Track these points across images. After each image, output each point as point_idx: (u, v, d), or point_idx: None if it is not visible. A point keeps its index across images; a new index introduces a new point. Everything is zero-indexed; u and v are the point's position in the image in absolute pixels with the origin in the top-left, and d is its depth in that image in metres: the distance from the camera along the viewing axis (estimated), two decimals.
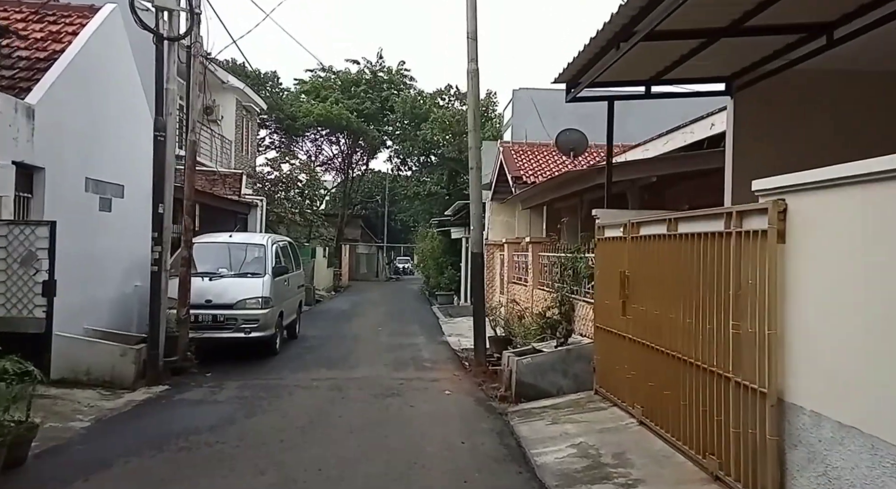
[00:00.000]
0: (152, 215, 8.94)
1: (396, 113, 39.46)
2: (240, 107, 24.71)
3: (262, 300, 10.81)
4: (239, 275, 11.14)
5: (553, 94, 28.56)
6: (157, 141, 8.89)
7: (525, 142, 17.35)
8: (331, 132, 40.51)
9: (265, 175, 22.35)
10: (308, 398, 8.31)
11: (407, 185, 40.58)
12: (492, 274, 18.85)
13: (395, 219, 51.82)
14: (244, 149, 25.37)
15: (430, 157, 40.14)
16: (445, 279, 24.13)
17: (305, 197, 22.75)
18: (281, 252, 12.52)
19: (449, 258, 24.58)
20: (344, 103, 39.18)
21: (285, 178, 22.23)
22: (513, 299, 13.25)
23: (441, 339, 14.29)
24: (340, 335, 14.72)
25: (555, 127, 26.69)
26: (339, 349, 12.55)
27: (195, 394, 8.47)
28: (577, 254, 9.66)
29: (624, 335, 7.00)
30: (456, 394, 8.65)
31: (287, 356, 11.56)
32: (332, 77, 42.58)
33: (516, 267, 14.89)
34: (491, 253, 18.85)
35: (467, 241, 22.92)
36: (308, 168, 22.97)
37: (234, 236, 11.93)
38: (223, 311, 10.58)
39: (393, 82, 42.08)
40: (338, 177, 44.50)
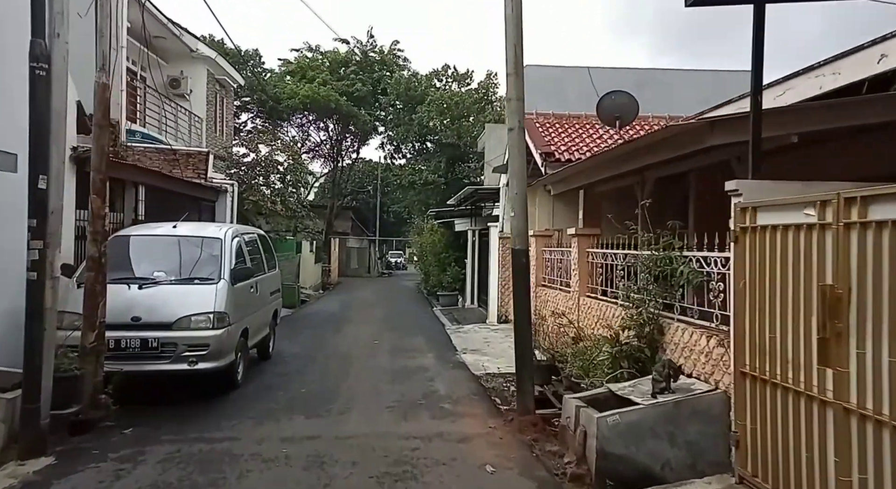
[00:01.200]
0: (28, 193, 5.67)
1: (389, 95, 36.10)
2: (212, 80, 21.32)
3: (214, 317, 7.60)
4: (183, 282, 7.90)
5: (563, 71, 25.49)
6: (34, 76, 5.59)
7: (551, 113, 14.29)
8: (318, 117, 37.11)
9: (240, 157, 19.03)
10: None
11: (401, 173, 37.32)
12: (507, 273, 15.67)
13: (387, 210, 48.50)
14: (218, 129, 21.99)
15: (425, 144, 36.86)
16: (448, 277, 20.99)
17: (288, 183, 19.48)
18: (246, 248, 9.29)
19: (452, 253, 21.44)
20: (333, 85, 35.79)
21: (264, 160, 18.92)
22: (556, 312, 10.10)
23: (455, 359, 11.13)
24: (327, 353, 11.51)
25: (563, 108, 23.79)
26: (325, 379, 9.34)
27: (91, 477, 5.26)
28: (671, 252, 6.52)
29: (823, 398, 3.88)
30: (503, 473, 5.49)
31: (252, 390, 8.35)
32: (320, 58, 39.14)
33: (549, 267, 11.75)
34: (506, 248, 15.68)
35: (474, 234, 19.75)
36: (291, 149, 19.65)
37: (179, 227, 8.65)
38: (157, 333, 7.34)
39: (385, 63, 38.70)
40: (326, 165, 41.13)
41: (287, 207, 19.91)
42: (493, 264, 16.15)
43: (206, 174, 15.29)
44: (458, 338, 13.68)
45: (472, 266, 20.19)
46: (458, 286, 21.24)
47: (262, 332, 9.97)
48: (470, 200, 19.27)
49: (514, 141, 7.30)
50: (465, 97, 34.00)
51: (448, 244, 21.65)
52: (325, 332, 14.29)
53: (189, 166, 15.37)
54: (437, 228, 22.32)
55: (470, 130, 33.26)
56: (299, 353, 11.34)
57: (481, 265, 20.00)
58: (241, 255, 8.89)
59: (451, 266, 21.14)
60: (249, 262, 9.17)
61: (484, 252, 19.47)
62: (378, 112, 38.54)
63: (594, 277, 9.20)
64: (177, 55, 19.90)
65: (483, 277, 19.37)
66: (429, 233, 23.59)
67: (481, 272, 20.01)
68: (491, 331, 14.55)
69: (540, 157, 12.03)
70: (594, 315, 8.76)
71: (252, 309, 9.09)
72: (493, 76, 36.49)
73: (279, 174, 19.24)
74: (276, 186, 19.38)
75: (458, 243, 21.85)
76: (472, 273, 20.21)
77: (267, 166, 18.92)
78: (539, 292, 11.85)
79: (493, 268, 16.08)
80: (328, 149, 39.97)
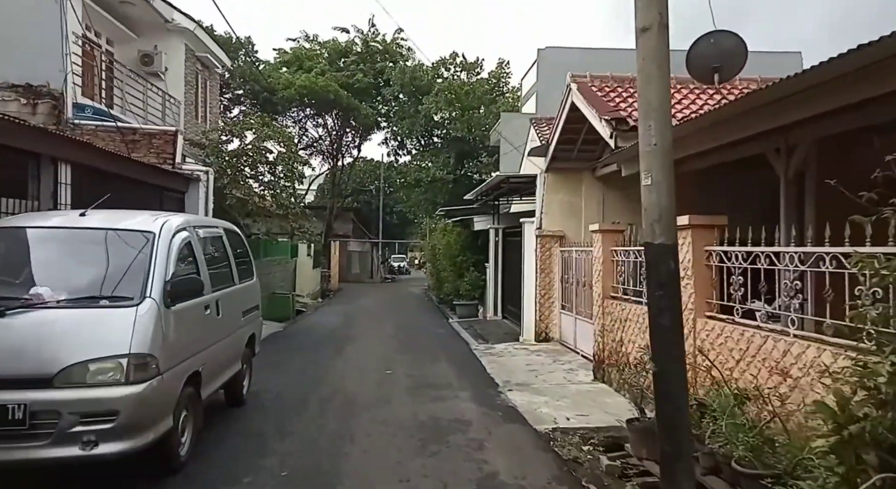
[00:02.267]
0: None
1: (393, 86, 32.96)
2: (192, 58, 18.17)
3: (129, 363, 4.41)
4: (80, 304, 4.70)
5: (587, 53, 22.45)
6: None
7: (610, 75, 11.17)
8: (316, 110, 33.95)
9: (222, 144, 15.85)
10: None
11: (406, 170, 34.14)
12: (548, 280, 12.52)
13: (390, 212, 45.33)
14: (200, 115, 18.83)
15: (432, 139, 33.70)
16: (466, 284, 17.83)
17: (280, 176, 16.31)
18: (201, 250, 6.09)
19: (470, 256, 18.30)
20: (332, 76, 32.67)
21: (251, 148, 15.75)
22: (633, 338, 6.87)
23: (502, 401, 7.92)
24: (323, 394, 8.28)
25: None
26: (318, 446, 6.10)
27: None
28: None
29: None
30: None
31: (202, 473, 5.17)
32: (319, 48, 36.04)
33: (621, 272, 8.55)
34: (546, 248, 12.52)
35: (497, 234, 16.60)
36: (282, 135, 16.45)
37: (89, 216, 5.45)
38: (25, 395, 4.18)
39: (388, 53, 35.57)
40: (326, 163, 37.96)
41: (280, 204, 16.74)
42: (528, 269, 12.99)
43: (173, 159, 12.14)
44: (493, 364, 10.50)
45: (495, 271, 17.03)
46: (476, 294, 18.08)
47: (229, 371, 6.79)
48: (495, 193, 16.13)
49: (650, 49, 4.07)
50: (476, 86, 30.87)
51: (465, 246, 18.53)
52: (323, 356, 11.08)
53: (152, 149, 12.22)
54: (453, 227, 19.21)
55: (481, 123, 30.13)
56: (285, 394, 8.14)
57: (506, 270, 16.84)
58: (188, 260, 5.70)
59: (470, 271, 17.99)
60: (205, 270, 5.99)
61: (511, 254, 16.30)
62: (380, 106, 35.40)
63: (722, 288, 6.03)
64: (150, 27, 16.76)
65: (510, 284, 16.20)
66: (442, 233, 20.45)
67: (506, 278, 16.85)
68: (532, 354, 11.37)
69: (607, 125, 8.86)
70: (734, 349, 5.59)
71: (208, 340, 5.92)
72: (504, 65, 33.42)
73: (268, 165, 16.07)
74: (265, 179, 16.23)
75: (476, 244, 18.72)
76: (494, 279, 17.05)
77: (255, 155, 15.75)
78: (608, 307, 8.67)
79: (529, 273, 12.92)
80: (327, 145, 36.82)
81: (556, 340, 12.35)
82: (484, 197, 17.23)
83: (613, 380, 8.36)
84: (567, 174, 12.58)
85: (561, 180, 12.59)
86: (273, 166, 16.23)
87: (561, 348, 11.79)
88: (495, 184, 14.34)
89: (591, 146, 12.09)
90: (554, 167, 12.50)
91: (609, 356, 8.53)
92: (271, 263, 18.88)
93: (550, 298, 12.50)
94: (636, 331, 7.55)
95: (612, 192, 12.50)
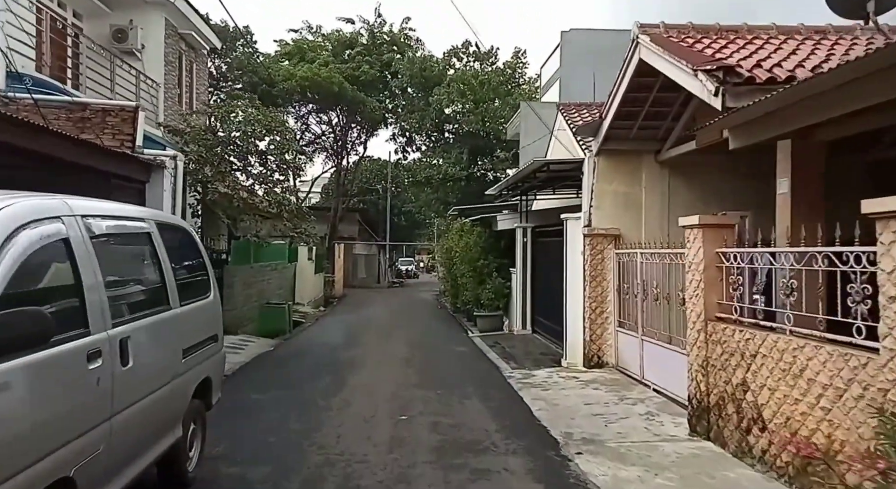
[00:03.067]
0: None
1: (401, 77, 30.43)
2: (174, 36, 15.67)
3: None
4: None
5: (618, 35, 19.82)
6: None
7: (690, 23, 8.50)
8: (319, 104, 31.42)
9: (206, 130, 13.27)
10: None
11: (415, 168, 31.57)
12: (600, 290, 9.91)
13: (397, 213, 42.76)
14: (184, 101, 16.33)
15: (443, 134, 31.14)
16: (488, 292, 15.22)
17: (270, 168, 13.73)
18: (86, 258, 3.51)
19: (492, 260, 15.68)
20: (336, 67, 30.18)
21: (239, 135, 13.16)
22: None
23: (575, 478, 5.28)
24: (313, 468, 5.58)
25: None
26: None
27: None
28: None
29: None
30: None
31: None
32: (322, 40, 33.57)
33: (738, 281, 5.90)
34: (598, 250, 9.91)
35: (525, 234, 14.03)
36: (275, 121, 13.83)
37: None
38: None
39: (396, 44, 33.07)
40: (330, 161, 35.43)
41: (273, 201, 14.17)
42: (572, 276, 10.38)
43: (133, 141, 9.61)
44: (540, 401, 7.86)
45: (523, 277, 14.42)
46: (500, 304, 15.47)
47: (154, 448, 4.20)
48: (525, 186, 13.51)
49: None
50: (492, 76, 28.29)
51: (486, 248, 15.93)
52: (317, 394, 8.44)
53: (107, 129, 9.69)
54: (474, 227, 16.62)
55: (496, 115, 27.53)
56: (255, 458, 5.55)
57: (537, 276, 14.24)
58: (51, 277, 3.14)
59: (492, 277, 15.38)
60: (97, 293, 3.42)
61: (543, 257, 13.70)
62: (387, 101, 32.86)
63: None
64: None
65: (543, 293, 13.60)
66: (458, 234, 17.86)
67: (537, 285, 14.24)
68: (586, 386, 8.73)
69: (710, 79, 6.22)
70: None
71: (100, 412, 3.34)
72: (521, 54, 30.83)
73: (259, 155, 13.51)
74: (254, 171, 13.68)
75: (499, 246, 16.11)
76: (522, 286, 14.44)
77: (243, 143, 13.17)
78: (717, 333, 6.04)
79: (574, 281, 10.31)
80: (331, 142, 34.30)
81: (613, 366, 9.72)
82: (511, 190, 14.62)
83: (728, 440, 5.73)
84: (623, 158, 9.95)
85: (615, 166, 9.96)
86: (264, 156, 13.67)
87: (621, 378, 9.16)
88: (529, 173, 11.70)
89: (654, 122, 9.49)
90: (607, 149, 9.87)
91: (720, 405, 5.90)
92: (265, 269, 16.34)
93: (603, 313, 9.87)
94: (785, 378, 4.91)
95: (679, 181, 9.88)
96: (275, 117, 14.22)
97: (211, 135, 13.27)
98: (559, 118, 18.08)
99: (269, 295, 16.40)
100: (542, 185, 13.26)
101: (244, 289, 14.16)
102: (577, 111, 17.48)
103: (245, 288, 14.24)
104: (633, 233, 9.80)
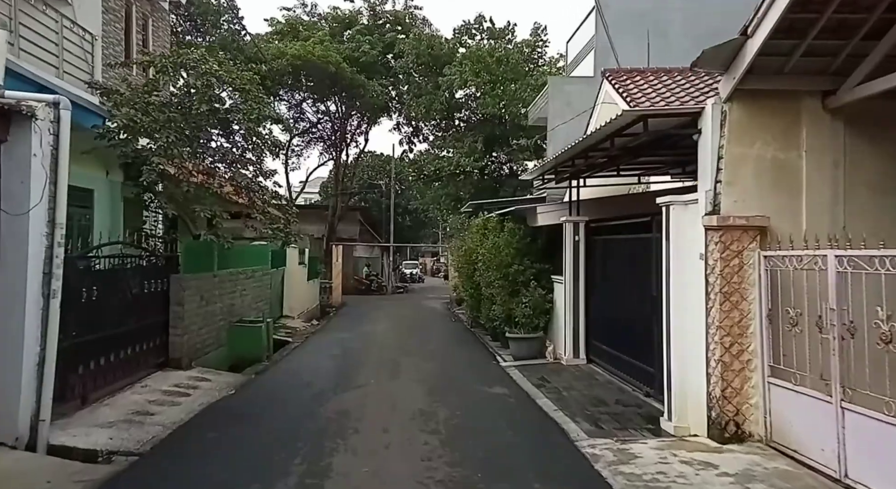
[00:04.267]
0: None
1: (406, 57, 26.71)
2: None
3: None
4: None
5: None
6: None
7: None
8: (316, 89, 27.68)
9: (152, 89, 9.53)
10: None
11: (422, 161, 27.82)
12: (736, 314, 6.08)
13: (401, 212, 39.05)
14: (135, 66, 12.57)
15: (453, 121, 27.44)
16: (525, 307, 11.46)
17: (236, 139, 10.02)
18: None
19: (529, 265, 11.92)
20: (333, 47, 26.49)
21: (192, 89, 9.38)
22: None
23: None
24: None
25: (664, 49, 14.38)
26: None
27: None
28: None
29: None
30: None
31: None
32: (318, 20, 29.92)
33: None
34: (732, 252, 6.11)
35: (577, 231, 10.37)
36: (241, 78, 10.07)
37: None
38: None
39: (400, 24, 29.39)
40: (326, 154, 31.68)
41: (240, 186, 10.42)
42: (680, 290, 6.61)
43: None
44: None
45: (575, 287, 10.67)
46: (541, 323, 11.69)
47: None
48: (580, 165, 9.70)
49: None
50: (513, 52, 24.56)
51: (521, 249, 12.19)
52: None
53: None
54: (503, 223, 12.87)
55: (515, 98, 23.78)
56: None
57: (592, 285, 10.50)
58: None
59: (530, 287, 11.63)
60: None
61: (607, 261, 9.96)
62: (391, 88, 29.12)
63: None
64: None
65: (604, 308, 9.82)
66: (480, 232, 14.08)
67: (592, 298, 10.50)
68: (735, 485, 4.96)
69: None
70: None
71: None
72: (541, 31, 27.07)
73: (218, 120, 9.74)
74: (212, 145, 9.94)
75: (535, 247, 12.34)
76: (573, 300, 10.68)
77: (198, 105, 9.40)
78: None
79: (685, 298, 6.54)
80: (329, 132, 30.56)
81: (762, 440, 5.95)
82: (553, 175, 10.85)
83: None
84: (771, 105, 6.19)
85: (758, 117, 6.20)
86: (226, 125, 9.92)
87: (787, 464, 5.38)
88: (611, 133, 7.75)
89: (831, 41, 5.74)
90: (748, 91, 6.10)
91: None
92: (237, 278, 12.60)
93: (743, 353, 6.09)
94: None
95: (862, 141, 6.13)
96: (242, 74, 10.42)
97: (152, 95, 9.50)
98: (604, 89, 14.28)
99: (243, 310, 12.67)
100: (607, 162, 9.49)
101: (203, 305, 10.41)
102: (628, 78, 13.79)
103: (204, 303, 10.50)
104: (785, 223, 6.06)
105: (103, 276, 8.26)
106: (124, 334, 8.42)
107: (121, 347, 8.29)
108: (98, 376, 7.68)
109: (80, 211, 10.77)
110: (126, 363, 8.39)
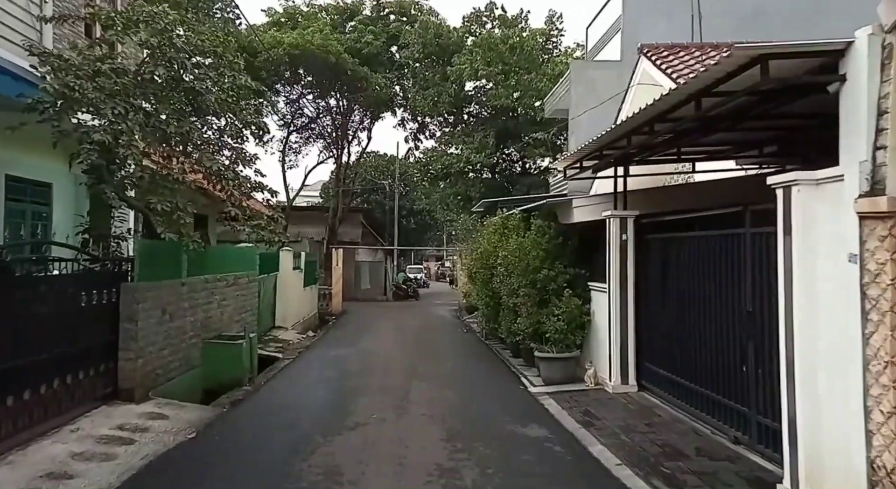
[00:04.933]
0: None
1: (412, 46, 24.78)
2: None
3: None
4: None
5: None
6: None
7: None
8: (315, 83, 25.78)
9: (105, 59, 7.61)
10: None
11: (428, 159, 25.85)
12: None
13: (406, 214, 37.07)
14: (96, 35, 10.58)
15: (462, 115, 25.47)
16: (558, 321, 9.43)
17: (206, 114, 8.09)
18: None
19: (561, 270, 9.88)
20: (335, 37, 24.59)
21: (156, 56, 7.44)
22: None
23: None
24: None
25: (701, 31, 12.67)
26: None
27: None
28: None
29: None
30: None
31: None
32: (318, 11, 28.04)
33: None
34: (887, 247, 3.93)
35: (624, 228, 8.32)
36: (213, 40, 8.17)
37: None
38: None
39: (405, 15, 27.47)
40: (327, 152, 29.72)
41: (212, 172, 8.43)
42: (806, 306, 4.58)
43: None
44: None
45: (622, 297, 8.63)
46: (577, 339, 9.65)
47: None
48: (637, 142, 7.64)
49: None
50: (528, 39, 22.59)
51: (551, 251, 10.17)
52: None
53: None
54: (528, 221, 10.85)
55: (530, 88, 21.78)
56: None
57: (644, 295, 8.46)
58: None
59: (563, 296, 9.60)
60: None
61: (664, 265, 7.91)
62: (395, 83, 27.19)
63: None
64: None
65: (664, 324, 7.75)
66: (499, 231, 12.08)
67: (642, 310, 8.46)
68: None
69: None
70: None
71: None
72: (556, 19, 25.10)
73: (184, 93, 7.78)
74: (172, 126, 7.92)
75: (567, 249, 10.32)
76: (620, 312, 8.63)
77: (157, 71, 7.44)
78: None
79: (820, 316, 4.51)
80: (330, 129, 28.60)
81: None
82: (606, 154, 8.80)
83: None
84: None
85: None
86: (193, 94, 7.93)
87: None
88: (697, 88, 5.58)
89: None
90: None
91: None
92: (215, 285, 10.59)
93: None
94: None
95: None
96: (214, 36, 8.43)
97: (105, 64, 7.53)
98: (640, 68, 12.40)
99: (222, 324, 10.68)
100: (672, 139, 7.44)
101: (165, 320, 8.40)
102: (670, 53, 11.83)
103: (168, 318, 8.48)
104: None
105: (23, 285, 6.29)
106: (53, 361, 6.44)
107: (45, 379, 6.31)
108: (5, 420, 5.69)
109: (36, 208, 8.92)
110: (53, 399, 6.40)
